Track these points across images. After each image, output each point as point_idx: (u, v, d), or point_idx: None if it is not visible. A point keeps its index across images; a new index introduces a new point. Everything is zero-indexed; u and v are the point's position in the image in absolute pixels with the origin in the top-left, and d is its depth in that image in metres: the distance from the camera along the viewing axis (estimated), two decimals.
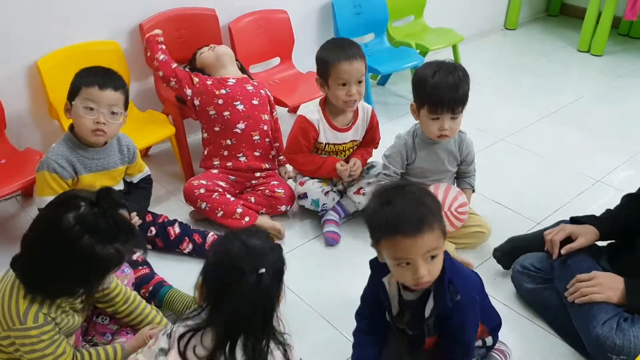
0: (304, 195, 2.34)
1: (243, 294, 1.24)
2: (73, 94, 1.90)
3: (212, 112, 2.36)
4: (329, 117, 2.29)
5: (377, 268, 1.54)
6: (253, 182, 2.41)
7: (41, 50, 2.32)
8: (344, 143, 2.35)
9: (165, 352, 1.35)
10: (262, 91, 2.46)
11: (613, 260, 1.85)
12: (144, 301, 1.76)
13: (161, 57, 2.40)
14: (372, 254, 2.17)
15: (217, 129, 2.38)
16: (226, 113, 2.36)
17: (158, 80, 2.67)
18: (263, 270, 1.25)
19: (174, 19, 2.64)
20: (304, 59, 3.11)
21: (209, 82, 2.38)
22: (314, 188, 2.33)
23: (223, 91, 2.37)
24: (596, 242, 1.92)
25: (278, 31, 3.00)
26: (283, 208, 2.38)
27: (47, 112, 2.42)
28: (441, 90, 2.00)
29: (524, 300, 2.00)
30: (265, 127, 2.43)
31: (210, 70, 2.47)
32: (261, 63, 3.01)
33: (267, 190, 2.37)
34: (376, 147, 2.47)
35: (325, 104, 2.29)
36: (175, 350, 1.31)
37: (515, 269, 2.00)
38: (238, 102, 2.37)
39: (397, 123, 3.13)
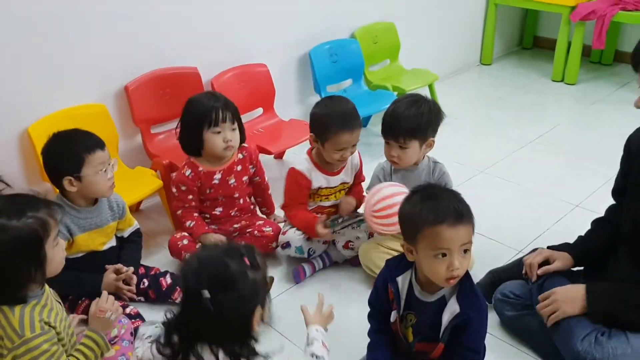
0: (287, 245, 2.39)
1: (202, 309, 1.28)
2: (77, 166, 1.97)
3: (209, 190, 2.39)
4: (319, 164, 2.35)
5: (393, 267, 1.67)
6: (235, 225, 2.48)
7: (31, 117, 2.41)
8: (335, 186, 2.42)
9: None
10: (251, 167, 2.47)
11: (590, 281, 1.91)
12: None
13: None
14: (356, 294, 2.26)
15: (207, 203, 2.43)
16: (221, 198, 2.41)
17: (146, 137, 2.78)
18: (206, 294, 1.27)
19: (158, 78, 2.76)
20: (286, 108, 3.25)
21: (200, 170, 2.34)
22: (295, 236, 2.38)
23: (217, 177, 2.38)
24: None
25: (259, 83, 3.13)
26: (274, 245, 2.47)
27: (39, 175, 2.51)
28: (390, 118, 2.16)
29: (507, 328, 2.06)
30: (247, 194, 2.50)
31: (207, 155, 2.33)
32: (245, 114, 3.12)
33: (256, 231, 2.46)
34: (363, 181, 2.54)
35: (312, 153, 2.37)
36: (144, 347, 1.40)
37: (496, 297, 2.06)
38: (232, 179, 2.40)
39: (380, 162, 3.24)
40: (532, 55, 5.18)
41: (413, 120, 2.13)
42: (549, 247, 2.06)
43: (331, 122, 2.20)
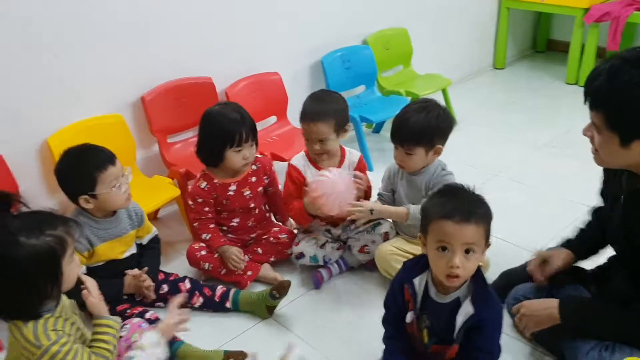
0: (301, 255, 2.42)
1: None
2: (90, 185, 2.00)
3: (225, 202, 2.41)
4: (313, 161, 2.40)
5: (410, 269, 1.69)
6: (252, 235, 2.51)
7: (51, 128, 2.47)
8: None
9: None
10: (265, 178, 2.50)
11: (600, 284, 1.90)
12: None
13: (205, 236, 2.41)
14: (374, 298, 2.27)
15: (224, 215, 2.44)
16: (238, 209, 2.44)
17: (163, 146, 2.83)
18: None
19: (173, 89, 2.81)
20: (299, 115, 3.27)
21: (215, 182, 2.38)
22: (307, 246, 2.40)
23: (232, 188, 2.42)
24: (583, 267, 2.00)
25: (272, 92, 3.16)
26: (290, 251, 2.50)
27: (59, 186, 2.56)
28: (397, 123, 2.18)
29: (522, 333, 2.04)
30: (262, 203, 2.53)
31: (224, 167, 2.36)
32: (259, 122, 3.16)
33: (271, 238, 2.49)
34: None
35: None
36: None
37: (508, 302, 2.05)
38: (247, 190, 2.43)
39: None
40: (545, 58, 5.17)
41: (418, 126, 2.13)
42: (549, 249, 2.07)
43: (302, 109, 2.34)
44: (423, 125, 2.13)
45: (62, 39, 2.43)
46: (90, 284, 1.74)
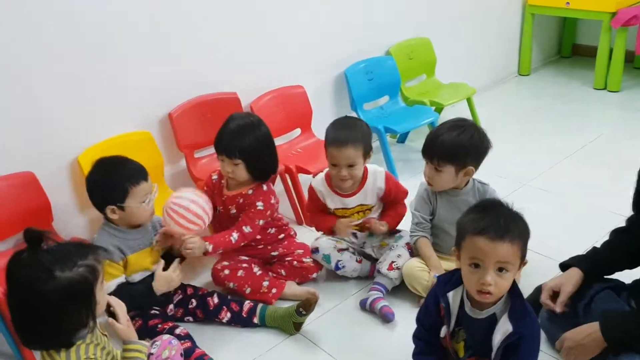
0: (316, 250, 2.44)
1: None
2: (120, 197, 2.04)
3: (219, 209, 2.44)
4: (332, 187, 2.40)
5: (444, 283, 1.67)
6: (274, 253, 2.50)
7: (81, 146, 2.51)
8: (352, 207, 2.43)
9: None
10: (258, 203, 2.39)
11: (636, 296, 1.85)
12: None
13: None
14: (402, 313, 2.24)
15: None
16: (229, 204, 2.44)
17: (190, 161, 2.86)
18: None
19: (200, 105, 2.84)
20: (323, 127, 3.23)
21: (223, 182, 2.45)
22: (325, 243, 2.43)
23: (224, 196, 2.44)
24: (622, 280, 1.95)
25: (296, 105, 3.18)
26: (314, 275, 2.49)
27: (89, 202, 2.60)
28: (429, 139, 2.19)
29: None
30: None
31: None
32: (283, 135, 3.18)
33: (295, 262, 2.46)
34: (404, 207, 2.49)
35: (330, 174, 2.40)
36: None
37: (542, 316, 2.00)
38: (233, 208, 2.41)
39: (419, 178, 3.21)
40: (571, 63, 5.09)
41: (449, 144, 2.13)
42: (561, 264, 2.03)
43: (327, 133, 2.33)
44: (454, 143, 2.12)
45: (90, 58, 2.47)
46: (119, 308, 1.74)
